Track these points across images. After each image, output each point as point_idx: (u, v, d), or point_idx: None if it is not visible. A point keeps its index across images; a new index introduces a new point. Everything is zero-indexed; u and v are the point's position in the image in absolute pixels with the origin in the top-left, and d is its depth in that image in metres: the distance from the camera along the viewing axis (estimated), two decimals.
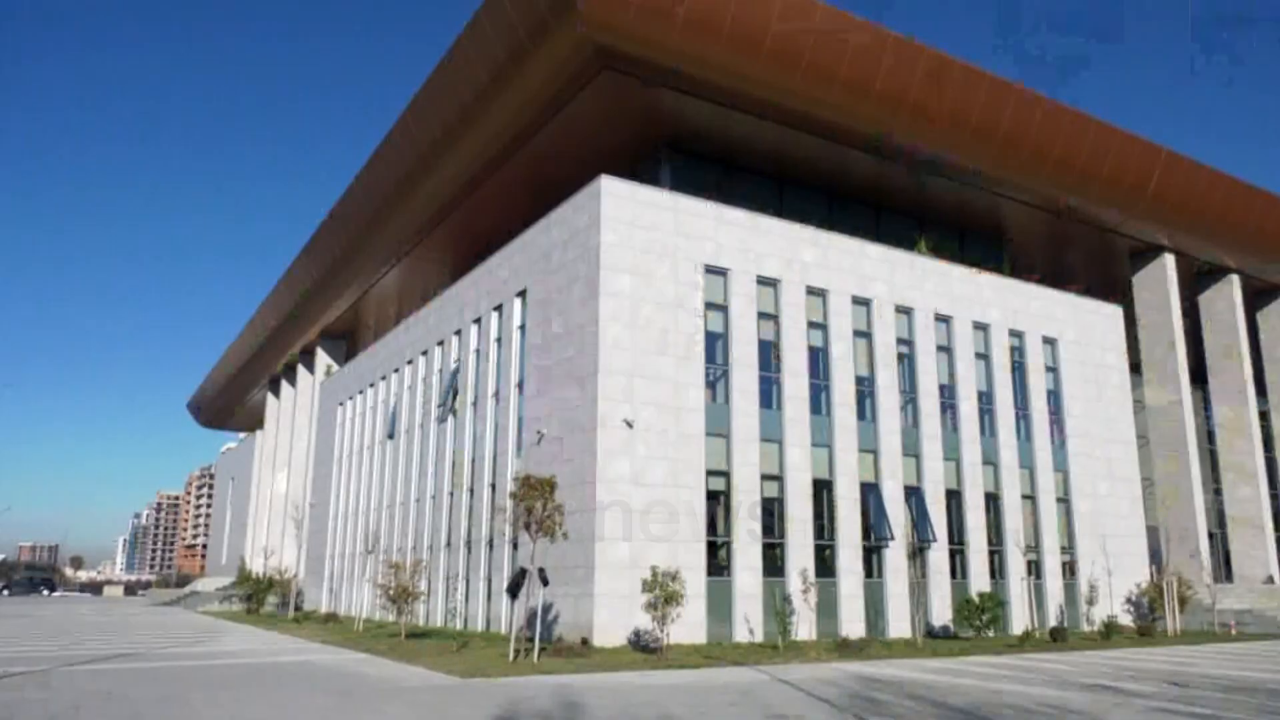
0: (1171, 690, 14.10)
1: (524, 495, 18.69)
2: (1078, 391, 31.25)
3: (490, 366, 28.47)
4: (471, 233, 34.97)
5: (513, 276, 27.54)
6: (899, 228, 32.30)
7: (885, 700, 12.73)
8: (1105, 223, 34.24)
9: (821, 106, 26.51)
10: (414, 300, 42.41)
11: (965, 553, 27.33)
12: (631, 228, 23.25)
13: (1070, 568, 29.61)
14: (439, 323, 32.89)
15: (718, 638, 22.27)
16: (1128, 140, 32.29)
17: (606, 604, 20.88)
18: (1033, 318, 30.80)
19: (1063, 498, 30.06)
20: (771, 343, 25.19)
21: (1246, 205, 36.11)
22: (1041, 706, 12.20)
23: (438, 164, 30.92)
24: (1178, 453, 35.30)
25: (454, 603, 28.06)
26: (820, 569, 24.27)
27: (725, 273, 24.65)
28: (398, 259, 38.73)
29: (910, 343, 27.86)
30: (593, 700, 12.46)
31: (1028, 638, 24.19)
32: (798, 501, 24.36)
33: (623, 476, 21.66)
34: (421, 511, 32.23)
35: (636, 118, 27.15)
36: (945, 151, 29.10)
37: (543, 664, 16.98)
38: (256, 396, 68.31)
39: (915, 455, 27.03)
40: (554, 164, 29.50)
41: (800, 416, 24.97)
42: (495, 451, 27.47)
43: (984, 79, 28.48)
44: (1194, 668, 17.87)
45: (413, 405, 34.43)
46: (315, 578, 42.94)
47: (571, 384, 23.05)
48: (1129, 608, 29.84)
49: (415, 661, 17.68)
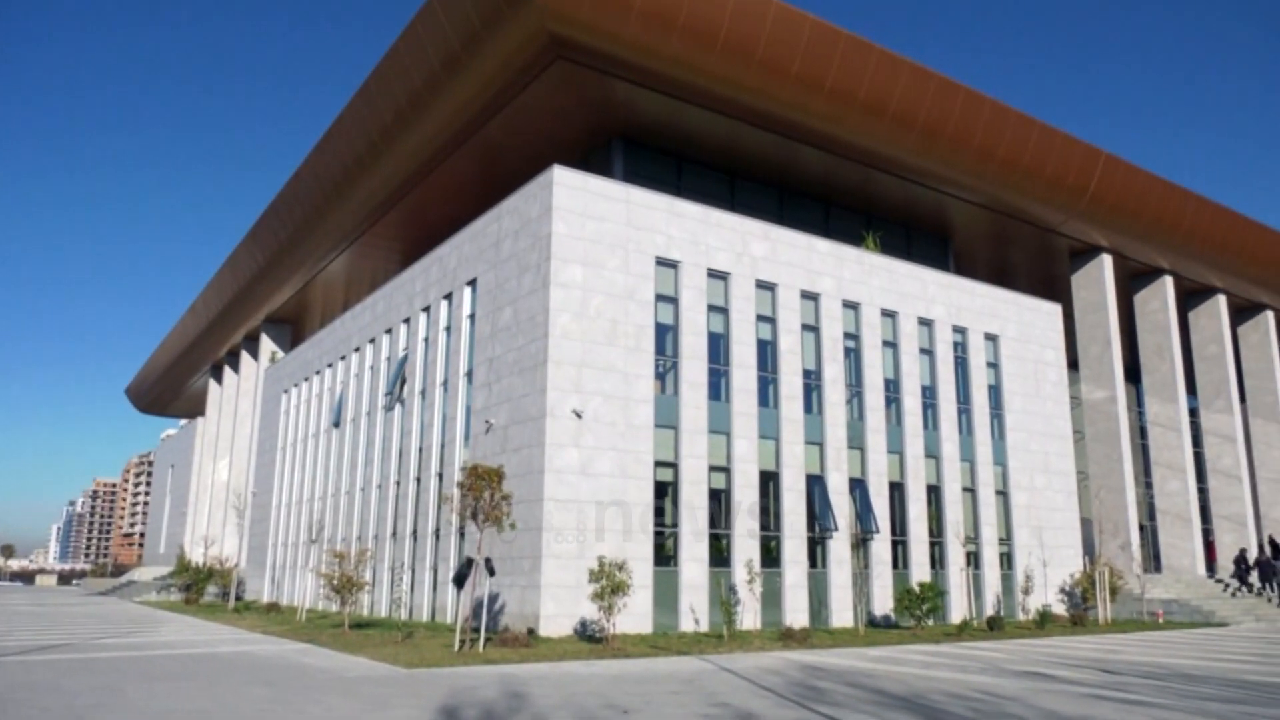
0: (1101, 677, 14.58)
1: (471, 485, 18.63)
2: (1017, 387, 32.00)
3: (439, 355, 28.27)
4: (422, 220, 34.64)
5: (463, 265, 27.36)
6: (848, 224, 32.76)
7: (827, 688, 12.98)
8: (1046, 223, 35.04)
9: (774, 102, 26.73)
10: (362, 287, 41.91)
11: (907, 544, 27.87)
12: (583, 218, 23.24)
13: (1007, 558, 30.36)
14: (387, 310, 32.55)
15: (664, 627, 22.45)
16: (1069, 142, 33.07)
17: (553, 594, 20.92)
18: (975, 314, 31.45)
19: (1001, 490, 30.80)
20: (721, 335, 25.39)
21: (1180, 208, 37.23)
22: (977, 693, 12.54)
23: (388, 150, 30.55)
24: (1111, 448, 36.32)
25: (399, 593, 27.87)
26: (766, 559, 24.59)
27: (676, 265, 24.77)
28: (346, 245, 38.20)
29: (857, 337, 28.27)
30: (537, 690, 12.50)
31: (966, 626, 24.80)
32: (745, 493, 24.62)
33: (571, 467, 21.69)
34: (367, 501, 31.93)
35: (590, 109, 27.10)
36: (894, 149, 29.55)
37: (488, 654, 16.98)
38: (198, 382, 66.91)
39: (860, 448, 27.47)
40: (506, 153, 29.34)
41: (748, 409, 25.22)
42: (443, 441, 27.31)
43: (933, 78, 28.93)
44: (1123, 655, 18.48)
45: (359, 393, 34.05)
46: (257, 567, 42.29)
47: (521, 374, 23.00)
48: (1063, 597, 30.70)
49: (358, 652, 17.55)
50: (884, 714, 10.70)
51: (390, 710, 10.89)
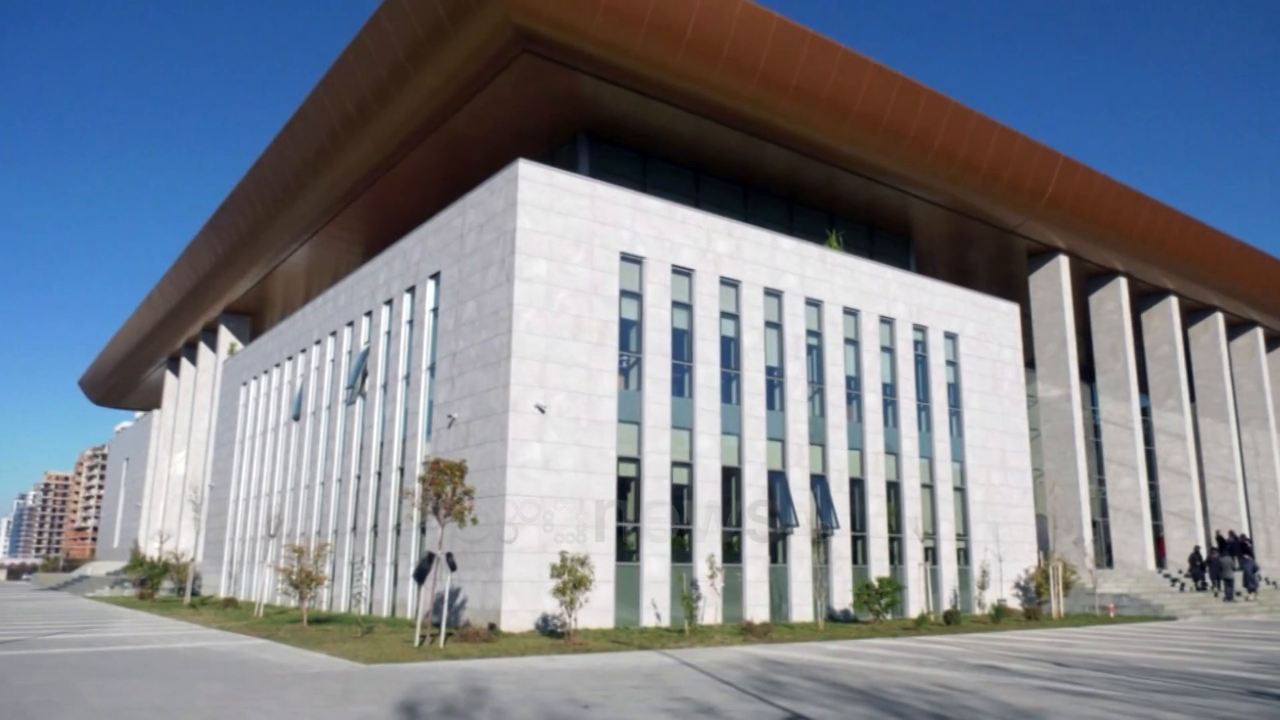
0: (1054, 670, 14.88)
1: (433, 479, 18.53)
2: (976, 385, 32.47)
3: (401, 349, 28.06)
4: (385, 213, 34.34)
5: (426, 258, 27.18)
6: (811, 222, 33.02)
7: (786, 682, 13.11)
8: (1005, 224, 35.57)
9: (739, 100, 26.84)
10: (323, 279, 41.47)
11: (866, 539, 28.20)
12: (548, 213, 23.19)
13: (964, 554, 30.83)
14: (349, 303, 32.24)
15: (625, 622, 22.51)
16: (1029, 145, 33.59)
17: (515, 589, 20.89)
18: (936, 313, 31.85)
19: (959, 487, 31.25)
20: (685, 331, 25.48)
21: (1135, 211, 38.00)
22: (934, 686, 12.74)
23: (351, 141, 30.23)
24: (1066, 445, 37.01)
25: (359, 588, 27.66)
26: (727, 555, 24.74)
27: (641, 261, 24.81)
28: (307, 237, 37.76)
29: (819, 335, 28.52)
30: (499, 685, 12.50)
31: (923, 621, 25.16)
32: (707, 489, 24.75)
33: (534, 462, 21.67)
34: (327, 495, 31.63)
35: (556, 103, 27.03)
36: (857, 148, 29.82)
37: (449, 649, 16.92)
38: (154, 374, 65.77)
39: (821, 444, 27.73)
40: (471, 146, 29.18)
41: (711, 405, 25.34)
42: (404, 435, 27.13)
43: (896, 79, 29.23)
44: (1075, 648, 18.86)
45: (320, 387, 33.70)
46: (214, 562, 41.72)
47: (484, 368, 22.91)
48: (1017, 592, 31.24)
49: (317, 648, 17.40)
50: (843, 707, 10.84)
51: (350, 706, 10.83)
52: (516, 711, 10.34)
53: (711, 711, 10.48)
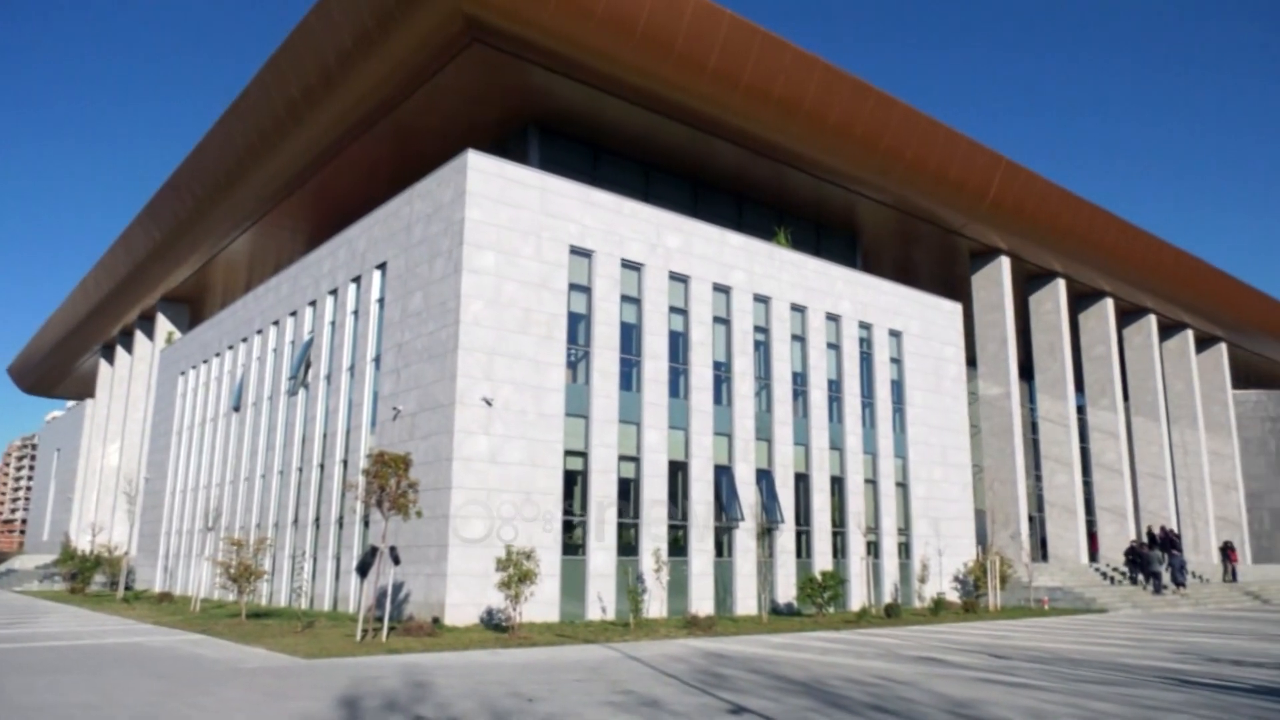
0: (991, 661, 15.22)
1: (377, 472, 18.30)
2: (919, 382, 33.01)
3: (346, 339, 27.65)
4: (330, 201, 33.78)
5: (372, 248, 26.80)
6: (760, 219, 33.25)
7: (730, 675, 13.22)
8: (949, 224, 36.20)
9: (691, 95, 26.90)
10: (266, 268, 40.68)
11: (810, 533, 28.53)
12: (497, 204, 23.01)
13: (905, 548, 31.36)
14: (292, 292, 31.65)
15: (571, 616, 22.49)
16: (973, 148, 34.22)
17: (459, 583, 20.74)
18: (881, 311, 32.30)
19: (901, 482, 31.76)
20: (633, 326, 25.50)
21: (1074, 214, 38.95)
22: (873, 678, 12.95)
23: (295, 128, 29.67)
24: (1005, 442, 37.83)
25: (300, 582, 27.22)
26: (673, 549, 24.84)
27: (590, 254, 24.75)
28: (249, 224, 36.99)
29: (766, 331, 28.74)
30: (442, 679, 12.40)
31: (864, 614, 25.55)
32: (654, 483, 24.81)
33: (480, 455, 21.51)
34: (267, 487, 31.06)
35: (506, 94, 26.82)
36: (806, 147, 30.10)
37: (392, 643, 16.75)
38: (88, 362, 63.91)
39: (767, 439, 27.96)
40: (420, 136, 28.83)
41: (659, 399, 25.40)
42: (348, 427, 26.75)
43: (845, 79, 29.55)
44: (1010, 640, 19.31)
45: (261, 377, 33.06)
46: (149, 556, 40.73)
47: (430, 360, 22.68)
48: (956, 585, 31.88)
49: (256, 642, 17.10)
50: (784, 699, 10.96)
51: (288, 701, 10.66)
52: (459, 705, 10.27)
53: (656, 704, 10.52)
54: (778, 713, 10.00)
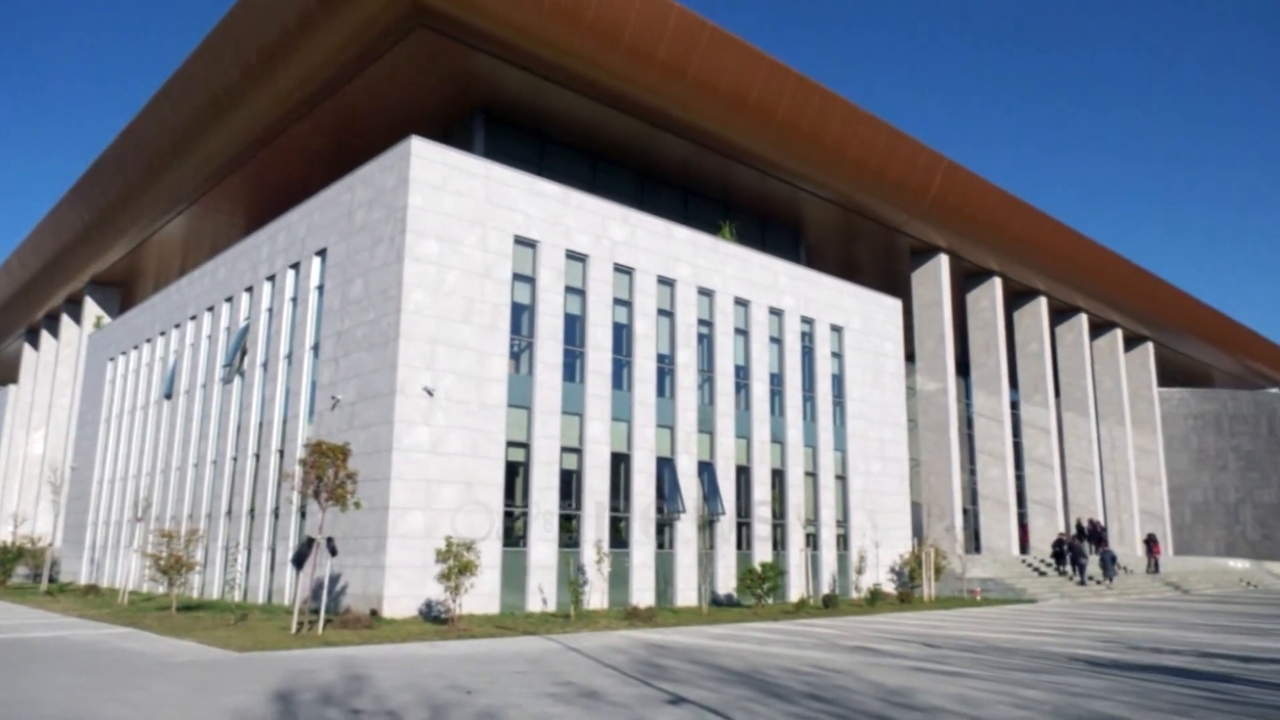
0: (924, 651, 15.54)
1: (315, 462, 17.99)
2: (859, 377, 33.51)
3: (283, 327, 27.09)
4: (269, 185, 33.06)
5: (312, 234, 26.29)
6: (705, 212, 33.38)
7: (669, 666, 13.29)
8: (891, 221, 36.77)
9: (638, 87, 26.88)
10: (201, 252, 39.66)
11: (751, 525, 28.80)
12: (441, 192, 22.74)
13: (844, 540, 31.84)
14: (228, 278, 30.91)
15: (511, 608, 22.40)
16: (915, 147, 34.78)
17: (398, 575, 20.51)
18: (823, 306, 32.69)
19: (840, 475, 32.23)
20: (577, 317, 25.43)
21: (1010, 214, 39.87)
22: (810, 668, 13.13)
23: (233, 108, 28.94)
24: (941, 436, 38.62)
25: (233, 574, 26.66)
26: (615, 540, 24.87)
27: (535, 245, 24.60)
28: (184, 206, 36.00)
29: (710, 324, 28.89)
30: (379, 672, 12.26)
31: (803, 605, 25.90)
32: (596, 474, 24.80)
33: (420, 445, 21.28)
34: (200, 477, 30.33)
35: (452, 81, 26.50)
36: (752, 142, 30.29)
37: (328, 636, 16.50)
38: (10, 347, 61.68)
39: (709, 432, 28.13)
40: (363, 120, 28.37)
41: (602, 391, 25.38)
42: (285, 416, 26.25)
43: (791, 76, 29.78)
44: (943, 630, 19.74)
45: (195, 364, 32.25)
46: (74, 547, 39.51)
47: (371, 349, 22.35)
48: (893, 576, 32.47)
49: (186, 636, 16.71)
50: (723, 689, 11.06)
51: (220, 696, 10.44)
52: (397, 698, 10.17)
53: (595, 695, 10.53)
54: (717, 703, 10.09)
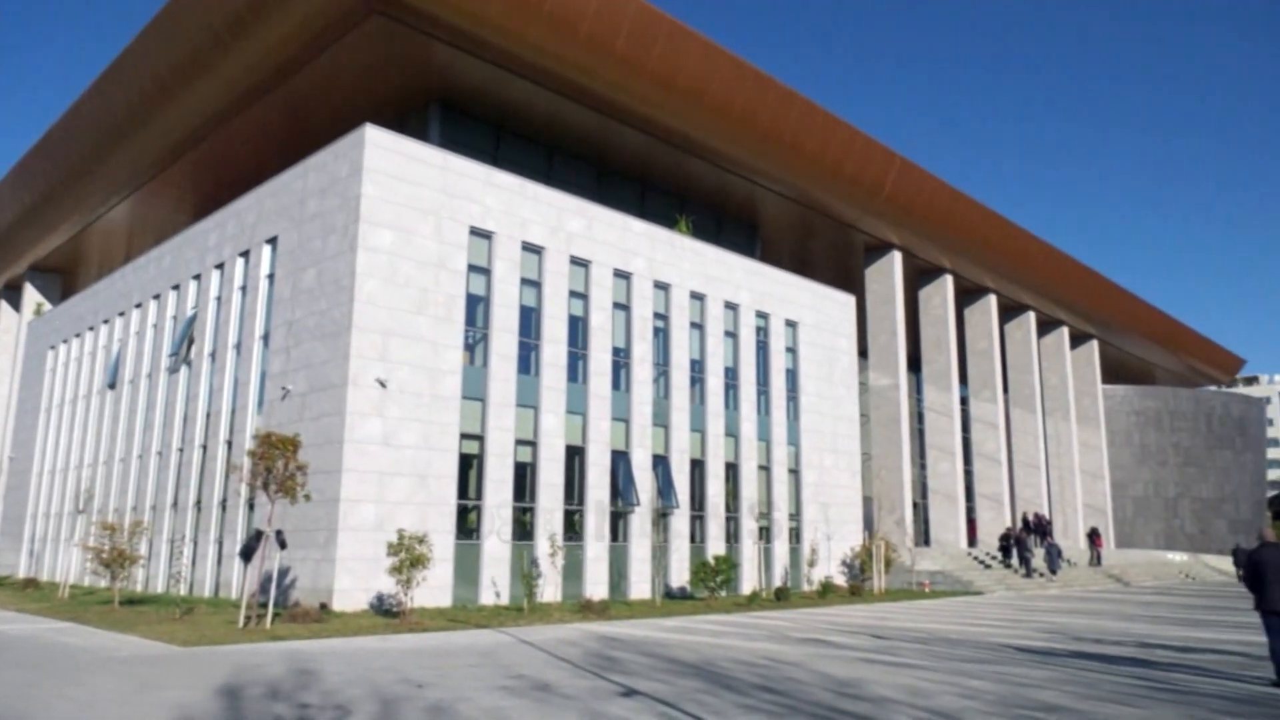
0: (874, 642, 15.75)
1: (264, 454, 17.69)
2: (812, 371, 33.81)
3: (232, 316, 26.59)
4: (218, 171, 32.38)
5: (262, 222, 25.82)
6: (662, 206, 33.42)
7: (622, 658, 13.31)
8: (845, 218, 37.12)
9: (596, 79, 26.79)
10: (147, 238, 38.77)
11: (705, 518, 28.94)
12: (395, 181, 22.46)
13: (796, 533, 32.14)
14: (175, 265, 30.25)
15: (464, 601, 22.27)
16: (869, 144, 35.14)
17: (349, 568, 20.28)
18: (777, 301, 32.92)
19: (793, 469, 32.51)
20: (533, 309, 25.31)
21: (962, 212, 40.48)
22: (762, 660, 13.24)
23: (181, 91, 28.29)
24: (892, 431, 39.13)
25: (178, 567, 26.14)
26: (569, 533, 24.84)
27: (490, 236, 24.42)
28: (130, 191, 35.13)
29: (666, 317, 28.94)
30: (329, 666, 12.11)
31: (755, 597, 26.10)
32: (550, 467, 24.73)
33: (373, 438, 21.04)
34: (145, 469, 29.69)
35: (408, 69, 26.17)
36: (709, 136, 30.36)
37: (276, 630, 16.26)
38: None
39: (664, 426, 28.20)
40: (316, 107, 27.92)
41: (557, 384, 25.31)
42: (233, 406, 25.78)
43: (748, 71, 29.90)
44: (893, 622, 20.03)
45: (140, 353, 31.53)
46: (12, 540, 38.45)
47: (322, 339, 22.02)
48: (844, 569, 32.86)
49: (130, 630, 16.35)
50: (676, 681, 11.10)
51: (164, 691, 10.24)
52: (347, 693, 10.05)
53: (548, 688, 10.52)
54: (669, 695, 10.13)
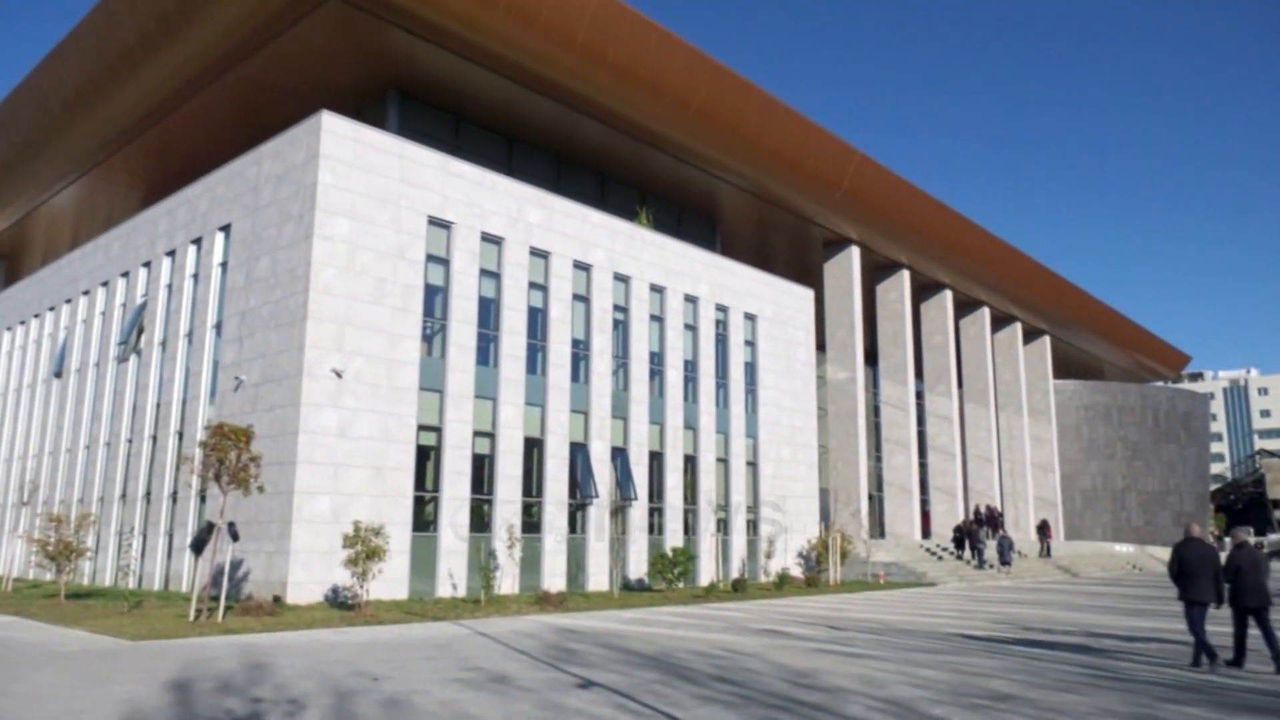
0: (829, 633, 15.92)
1: (216, 445, 17.39)
2: (771, 365, 34.03)
3: (184, 304, 26.09)
4: (170, 156, 31.69)
5: (215, 209, 25.34)
6: (622, 198, 33.35)
7: (580, 650, 13.31)
8: (804, 212, 37.35)
9: (556, 69, 26.63)
10: (95, 224, 37.86)
11: (663, 510, 29.03)
12: (352, 169, 22.17)
13: (753, 525, 32.36)
14: (124, 252, 29.59)
15: (421, 593, 22.11)
16: (828, 139, 35.38)
17: (303, 560, 20.03)
18: (737, 294, 33.06)
19: (751, 461, 32.72)
20: (492, 300, 25.16)
21: (919, 208, 40.94)
22: (719, 650, 13.32)
23: (131, 74, 27.60)
24: (849, 424, 39.52)
25: (127, 560, 25.65)
26: (527, 525, 24.76)
27: (449, 226, 24.21)
28: (77, 176, 34.25)
29: (625, 309, 28.93)
30: (282, 659, 11.96)
31: (713, 589, 26.25)
32: (509, 459, 24.63)
33: (328, 429, 20.78)
34: (92, 460, 29.05)
35: (365, 55, 25.80)
36: (669, 129, 30.36)
37: (228, 623, 16.02)
38: None
39: (623, 418, 28.21)
40: (271, 93, 27.41)
41: (516, 375, 25.19)
42: (185, 397, 25.31)
43: (709, 64, 29.93)
44: (848, 613, 20.26)
45: (87, 341, 30.82)
46: None
47: (277, 329, 21.69)
48: (800, 561, 33.17)
49: (76, 624, 16.01)
50: (633, 673, 11.13)
51: (112, 685, 10.04)
52: (300, 686, 9.94)
53: (504, 680, 10.48)
54: (626, 686, 10.15)
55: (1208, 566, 12.32)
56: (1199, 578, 12.27)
